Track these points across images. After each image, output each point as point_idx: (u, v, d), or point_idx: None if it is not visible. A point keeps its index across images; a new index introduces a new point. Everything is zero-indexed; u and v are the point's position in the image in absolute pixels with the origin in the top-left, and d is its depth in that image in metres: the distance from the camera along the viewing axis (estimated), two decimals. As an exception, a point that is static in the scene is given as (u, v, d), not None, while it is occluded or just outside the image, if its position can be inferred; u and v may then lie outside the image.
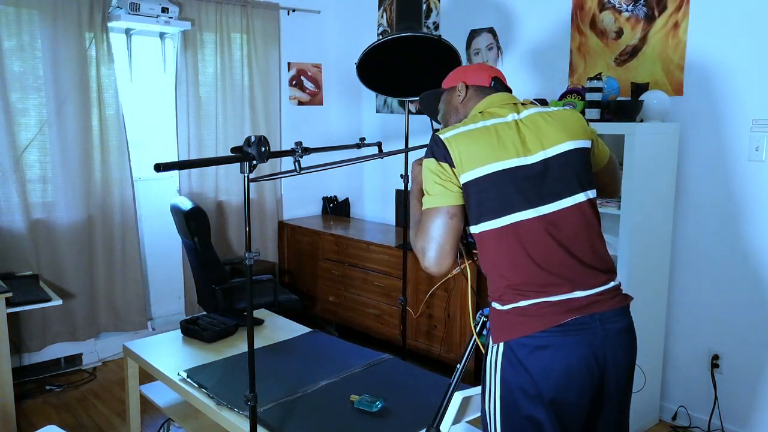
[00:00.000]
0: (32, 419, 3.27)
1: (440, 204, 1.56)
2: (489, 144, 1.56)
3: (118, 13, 3.66)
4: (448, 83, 1.84)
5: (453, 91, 1.80)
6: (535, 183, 1.55)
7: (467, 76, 1.79)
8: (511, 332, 1.53)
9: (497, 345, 1.56)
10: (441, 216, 1.56)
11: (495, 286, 1.59)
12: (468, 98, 1.76)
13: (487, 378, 1.59)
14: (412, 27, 3.21)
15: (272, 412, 2.19)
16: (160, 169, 1.65)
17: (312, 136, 4.78)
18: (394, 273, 3.87)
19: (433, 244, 1.56)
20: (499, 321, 1.57)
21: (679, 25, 3.00)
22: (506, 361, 1.54)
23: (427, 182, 1.60)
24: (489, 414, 1.60)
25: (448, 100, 1.82)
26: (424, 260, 1.58)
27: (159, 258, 4.24)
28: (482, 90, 1.76)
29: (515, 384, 1.52)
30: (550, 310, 1.50)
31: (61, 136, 3.63)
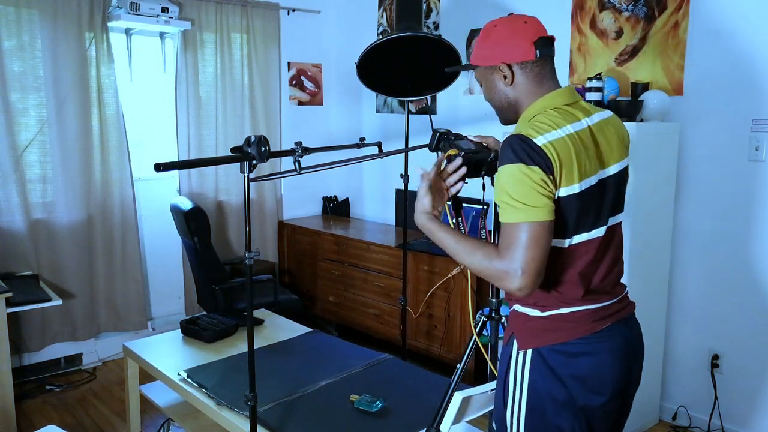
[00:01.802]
0: (32, 419, 3.27)
1: (544, 218, 1.35)
2: (579, 156, 1.42)
3: (118, 13, 3.66)
4: (482, 59, 1.57)
5: (494, 72, 1.55)
6: (602, 200, 1.49)
7: (505, 51, 1.52)
8: (546, 339, 1.49)
9: (524, 352, 1.51)
10: (545, 232, 1.36)
11: (540, 294, 1.50)
12: (516, 81, 1.52)
13: (511, 385, 1.53)
14: (412, 27, 3.21)
15: (272, 412, 2.19)
16: (160, 169, 1.65)
17: (312, 136, 4.78)
18: (394, 273, 3.87)
19: (533, 265, 1.34)
20: (531, 327, 1.51)
21: (679, 25, 3.00)
22: (535, 369, 1.50)
23: (521, 189, 1.36)
24: (511, 422, 1.55)
25: (490, 81, 1.57)
26: (518, 282, 1.34)
27: (159, 258, 4.24)
28: (530, 67, 1.51)
29: (545, 392, 1.48)
30: (589, 317, 1.49)
31: (61, 136, 3.63)
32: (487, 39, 1.57)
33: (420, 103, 4.35)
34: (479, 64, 1.58)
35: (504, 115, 1.62)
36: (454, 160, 1.62)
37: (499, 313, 1.80)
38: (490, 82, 1.58)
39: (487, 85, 1.59)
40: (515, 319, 1.56)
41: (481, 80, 1.61)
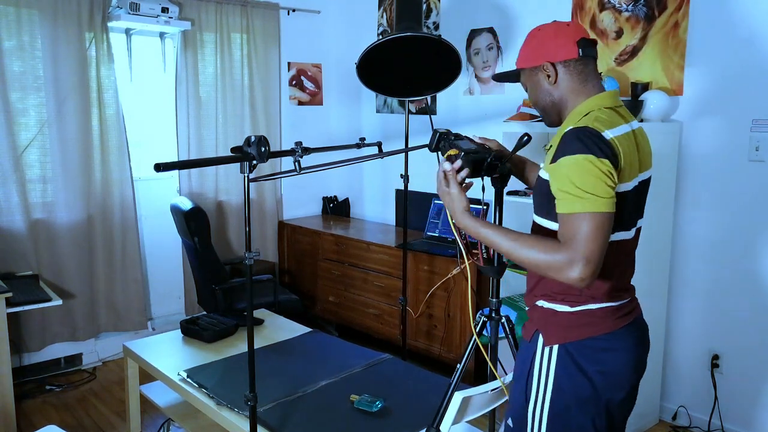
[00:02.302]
0: (32, 419, 3.27)
1: (609, 209, 1.37)
2: (633, 156, 1.48)
3: (118, 13, 3.66)
4: (527, 60, 1.61)
5: (538, 72, 1.58)
6: (638, 202, 1.56)
7: (549, 51, 1.55)
8: (574, 334, 1.52)
9: (550, 347, 1.53)
10: (608, 223, 1.38)
11: (563, 288, 1.52)
12: (560, 79, 1.55)
13: (535, 381, 1.55)
14: (412, 27, 3.21)
15: (272, 412, 2.19)
16: (160, 169, 1.65)
17: (312, 136, 4.78)
18: (394, 273, 3.87)
19: (597, 255, 1.35)
20: (559, 323, 1.54)
21: (679, 25, 3.00)
22: (562, 364, 1.52)
23: (590, 180, 1.37)
24: (533, 418, 1.56)
25: (535, 82, 1.60)
26: (581, 272, 1.35)
27: (159, 258, 4.24)
28: (574, 65, 1.54)
29: (571, 387, 1.51)
30: (612, 314, 1.54)
31: (61, 136, 3.63)
32: (531, 42, 1.61)
33: (420, 103, 4.36)
34: (524, 66, 1.62)
35: (549, 116, 1.65)
36: (455, 161, 1.62)
37: (499, 313, 1.80)
38: (534, 83, 1.61)
39: (532, 86, 1.63)
40: (540, 315, 1.57)
41: (527, 83, 1.65)
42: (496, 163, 1.67)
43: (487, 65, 3.89)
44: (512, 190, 3.26)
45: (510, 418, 1.65)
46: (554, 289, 1.55)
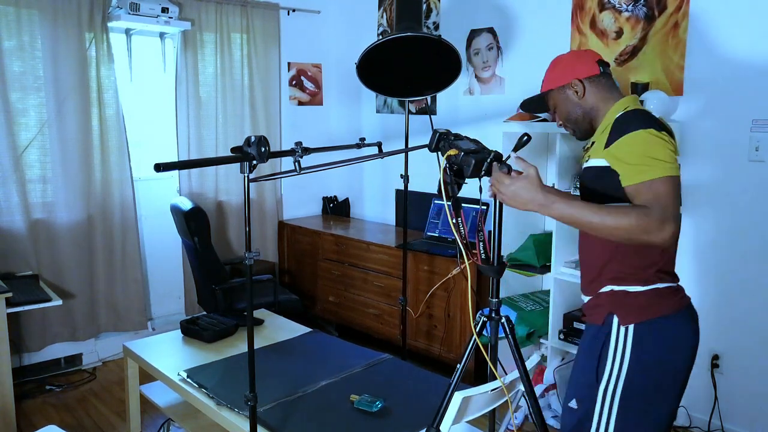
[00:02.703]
0: (32, 419, 3.27)
1: (679, 175, 1.54)
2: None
3: (118, 13, 3.66)
4: (555, 82, 1.81)
5: (566, 89, 1.79)
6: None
7: (575, 70, 1.77)
8: (649, 313, 1.63)
9: (626, 327, 1.64)
10: (679, 186, 1.53)
11: (634, 269, 1.64)
12: (587, 92, 1.76)
13: (609, 361, 1.64)
14: (412, 27, 3.21)
15: (272, 412, 2.19)
16: (160, 169, 1.65)
17: (312, 136, 4.78)
18: (394, 273, 3.87)
19: (679, 215, 1.51)
20: (633, 303, 1.65)
21: (679, 25, 3.00)
22: (638, 342, 1.62)
23: (659, 149, 1.53)
24: (605, 396, 1.65)
25: (564, 99, 1.80)
26: (670, 229, 1.46)
27: (159, 258, 4.25)
28: (597, 80, 1.77)
29: (645, 364, 1.62)
30: (676, 293, 1.69)
31: (61, 136, 3.63)
32: (556, 66, 1.84)
33: (420, 103, 4.36)
34: (553, 86, 1.82)
35: (581, 128, 1.82)
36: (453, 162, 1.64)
37: (499, 313, 1.80)
38: (563, 101, 1.81)
39: (561, 104, 1.82)
40: (613, 298, 1.68)
41: (555, 103, 1.84)
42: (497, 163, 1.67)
43: (487, 65, 3.88)
44: (512, 190, 3.26)
45: (573, 400, 1.72)
46: (624, 272, 1.66)
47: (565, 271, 3.09)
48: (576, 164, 3.12)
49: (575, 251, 3.18)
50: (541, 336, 3.21)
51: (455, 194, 1.70)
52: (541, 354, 3.00)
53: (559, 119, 1.86)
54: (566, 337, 3.12)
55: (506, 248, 3.35)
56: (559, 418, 3.19)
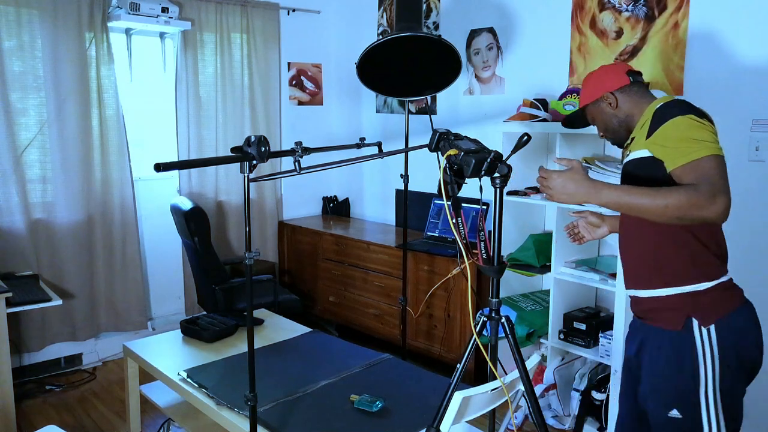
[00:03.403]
0: (32, 419, 3.27)
1: (722, 154, 1.57)
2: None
3: (118, 13, 3.66)
4: (589, 97, 1.90)
5: (600, 102, 1.88)
6: None
7: (604, 84, 1.86)
8: (724, 308, 1.66)
9: (707, 329, 1.65)
10: (723, 164, 1.56)
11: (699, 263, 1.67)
12: (620, 102, 1.84)
13: (702, 365, 1.65)
14: (412, 27, 3.21)
15: (272, 412, 2.19)
16: (160, 169, 1.65)
17: (312, 136, 4.78)
18: (394, 273, 3.87)
19: (727, 186, 1.52)
20: (708, 301, 1.66)
21: (679, 25, 3.00)
22: (723, 339, 1.65)
23: (700, 131, 1.58)
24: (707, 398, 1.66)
25: (600, 111, 1.89)
26: (723, 203, 1.49)
27: (159, 258, 4.25)
28: (629, 89, 1.84)
29: (732, 358, 1.65)
30: (735, 286, 1.73)
31: (61, 136, 3.63)
32: (588, 83, 1.92)
33: (420, 103, 4.36)
34: (588, 102, 1.91)
35: (619, 135, 1.89)
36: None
37: (499, 313, 1.80)
38: (599, 113, 1.90)
39: (598, 117, 1.91)
40: (686, 301, 1.68)
41: (593, 115, 1.92)
42: (496, 163, 1.67)
43: (487, 65, 3.88)
44: (512, 190, 3.26)
45: (674, 410, 1.71)
46: (686, 270, 1.67)
47: (565, 271, 3.09)
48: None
49: (575, 251, 3.19)
50: (541, 336, 3.21)
51: (455, 194, 1.70)
52: (541, 354, 3.00)
53: (599, 130, 1.95)
54: (566, 337, 3.12)
55: (506, 248, 3.35)
56: (560, 418, 3.19)
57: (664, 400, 1.73)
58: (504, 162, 1.68)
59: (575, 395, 3.12)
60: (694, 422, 1.67)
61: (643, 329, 1.81)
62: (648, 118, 1.71)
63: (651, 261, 1.75)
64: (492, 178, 1.69)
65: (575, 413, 3.10)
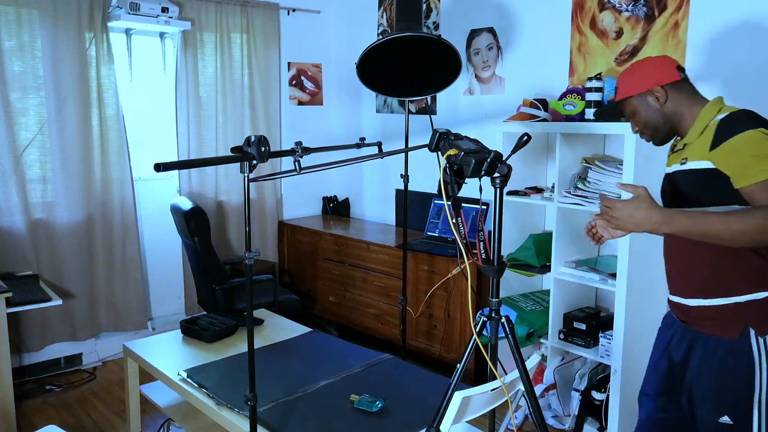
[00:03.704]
0: (32, 419, 3.27)
1: None
2: None
3: (118, 13, 3.66)
4: (635, 88, 1.80)
5: (647, 96, 1.79)
6: None
7: (655, 76, 1.77)
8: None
9: (763, 339, 1.63)
10: None
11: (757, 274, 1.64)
12: (669, 98, 1.76)
13: (758, 373, 1.64)
14: (412, 27, 3.21)
15: (272, 412, 2.19)
16: (160, 169, 1.65)
17: (312, 136, 4.78)
18: (394, 273, 3.87)
19: None
20: (766, 311, 1.64)
21: (679, 25, 3.00)
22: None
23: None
24: (760, 404, 1.66)
25: (644, 105, 1.80)
26: None
27: (159, 258, 4.25)
28: (679, 85, 1.77)
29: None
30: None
31: (61, 136, 3.63)
32: (634, 73, 1.82)
33: (420, 103, 4.36)
34: (633, 93, 1.81)
35: (659, 134, 1.82)
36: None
37: (499, 313, 1.80)
38: (643, 107, 1.80)
39: (640, 110, 1.81)
40: (744, 310, 1.66)
41: (633, 110, 1.83)
42: (496, 163, 1.67)
43: (487, 65, 3.89)
44: (512, 190, 3.26)
45: (726, 416, 1.70)
46: (744, 279, 1.65)
47: (565, 271, 3.09)
48: (578, 164, 3.12)
49: (575, 251, 3.19)
50: (541, 336, 3.21)
51: (455, 194, 1.70)
52: (541, 354, 3.00)
53: (636, 126, 1.85)
54: (566, 337, 3.12)
55: (506, 248, 3.35)
56: (560, 418, 3.19)
57: (717, 406, 1.71)
58: (504, 162, 1.68)
59: (575, 395, 3.12)
60: (745, 429, 1.68)
61: (691, 334, 1.78)
62: (706, 124, 1.66)
63: (709, 272, 1.71)
64: (492, 178, 1.69)
65: (575, 413, 3.10)
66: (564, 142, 3.05)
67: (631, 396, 2.52)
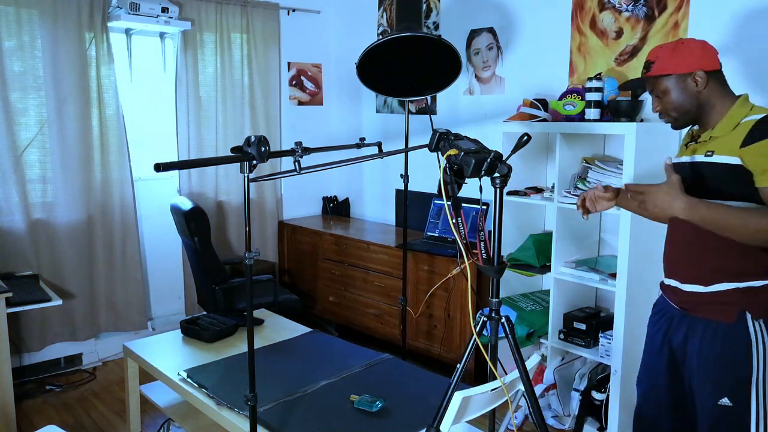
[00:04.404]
0: (32, 419, 3.27)
1: None
2: None
3: (118, 13, 3.66)
4: (677, 67, 1.77)
5: (688, 78, 1.76)
6: None
7: (702, 61, 1.75)
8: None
9: (759, 321, 1.71)
10: None
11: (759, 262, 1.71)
12: (708, 86, 1.76)
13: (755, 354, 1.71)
14: (412, 27, 3.21)
15: (272, 412, 2.19)
16: (160, 169, 1.65)
17: (312, 136, 4.78)
18: (394, 273, 3.87)
19: None
20: (763, 297, 1.72)
21: (679, 25, 3.00)
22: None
23: None
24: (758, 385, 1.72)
25: (681, 87, 1.77)
26: None
27: (159, 258, 4.25)
28: (718, 75, 1.78)
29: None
30: None
31: (61, 136, 3.63)
32: (676, 51, 1.78)
33: (420, 103, 4.36)
34: (676, 72, 1.77)
35: (686, 119, 1.82)
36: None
37: (499, 313, 1.80)
38: (680, 89, 1.78)
39: (675, 91, 1.78)
40: (743, 296, 1.73)
41: (666, 89, 1.79)
42: (496, 163, 1.67)
43: (487, 65, 3.89)
44: (512, 190, 3.26)
45: (725, 398, 1.75)
46: (744, 267, 1.71)
47: (565, 271, 3.09)
48: (578, 164, 3.12)
49: (575, 251, 3.19)
50: (541, 336, 3.21)
51: (455, 194, 1.70)
52: (541, 354, 3.00)
53: (660, 105, 1.83)
54: (566, 337, 3.12)
55: (506, 248, 3.35)
56: (560, 418, 3.19)
57: (717, 389, 1.77)
58: (504, 162, 1.68)
59: (575, 395, 3.12)
60: (743, 410, 1.74)
61: (689, 320, 1.84)
62: (738, 121, 1.70)
63: (713, 260, 1.76)
64: (492, 178, 1.69)
65: (575, 413, 3.10)
66: (564, 142, 3.05)
67: (631, 396, 2.52)
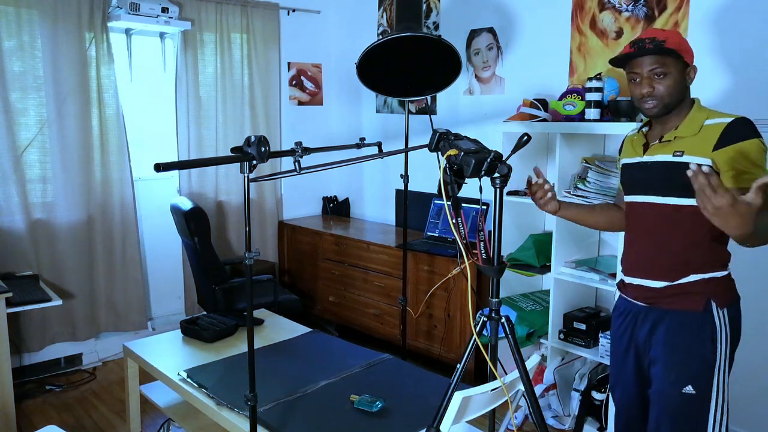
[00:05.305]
0: (32, 419, 3.27)
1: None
2: None
3: (118, 13, 3.66)
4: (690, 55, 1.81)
5: (685, 69, 1.82)
6: None
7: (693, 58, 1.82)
8: (733, 293, 1.87)
9: (722, 309, 1.81)
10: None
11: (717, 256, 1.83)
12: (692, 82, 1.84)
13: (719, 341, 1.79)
14: (412, 27, 3.21)
15: (272, 412, 2.19)
16: (160, 169, 1.65)
17: (312, 136, 4.78)
18: (394, 273, 3.87)
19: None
20: (725, 286, 1.84)
21: (679, 25, 3.00)
22: (733, 319, 1.83)
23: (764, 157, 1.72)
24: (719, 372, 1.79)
25: (681, 77, 1.81)
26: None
27: (159, 258, 4.25)
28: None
29: (737, 335, 1.85)
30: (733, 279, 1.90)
31: (61, 136, 3.63)
32: (683, 39, 1.82)
33: (420, 103, 4.36)
34: (686, 57, 1.79)
35: (667, 109, 1.83)
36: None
37: (499, 313, 1.80)
38: (679, 77, 1.80)
39: (675, 77, 1.79)
40: (708, 285, 1.82)
41: (669, 72, 1.79)
42: (496, 163, 1.67)
43: (487, 65, 3.89)
44: (512, 190, 3.26)
45: (689, 386, 1.81)
46: (708, 260, 1.82)
47: (565, 271, 3.09)
48: (578, 164, 3.12)
49: (575, 251, 3.19)
50: (541, 336, 3.21)
51: (455, 194, 1.70)
52: (541, 354, 3.00)
53: (652, 86, 1.79)
54: (566, 337, 3.12)
55: (506, 248, 3.35)
56: (560, 418, 3.19)
57: (681, 377, 1.82)
58: (504, 162, 1.68)
59: (575, 395, 3.12)
60: (705, 398, 1.79)
61: (655, 313, 1.89)
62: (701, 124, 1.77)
63: (680, 257, 1.84)
64: (492, 178, 1.69)
65: (575, 413, 3.10)
66: (564, 142, 3.05)
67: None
